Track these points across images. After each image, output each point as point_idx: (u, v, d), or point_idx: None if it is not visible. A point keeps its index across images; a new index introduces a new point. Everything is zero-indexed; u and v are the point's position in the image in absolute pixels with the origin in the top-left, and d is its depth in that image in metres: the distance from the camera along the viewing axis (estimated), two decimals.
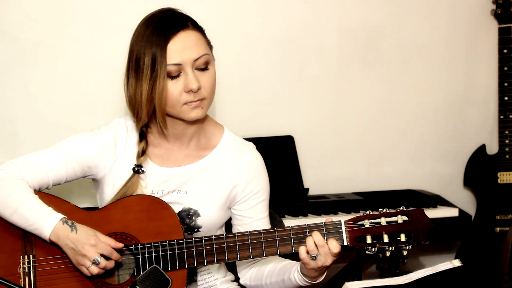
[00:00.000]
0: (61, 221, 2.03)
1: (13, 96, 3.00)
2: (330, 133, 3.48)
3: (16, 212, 2.05)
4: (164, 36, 2.04)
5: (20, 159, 2.15)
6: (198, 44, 2.08)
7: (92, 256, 1.99)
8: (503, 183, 3.50)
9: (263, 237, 2.05)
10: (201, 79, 2.07)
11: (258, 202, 2.23)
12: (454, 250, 3.58)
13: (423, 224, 2.02)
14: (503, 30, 3.52)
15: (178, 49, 2.04)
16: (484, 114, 3.69)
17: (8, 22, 2.97)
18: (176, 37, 2.05)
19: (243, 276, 2.30)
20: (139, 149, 2.17)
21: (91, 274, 2.01)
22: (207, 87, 2.09)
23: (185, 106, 2.08)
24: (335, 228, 2.03)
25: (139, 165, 2.16)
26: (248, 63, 3.34)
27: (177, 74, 2.06)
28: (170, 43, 2.04)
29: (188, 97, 2.06)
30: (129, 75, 2.11)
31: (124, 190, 2.15)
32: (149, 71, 2.04)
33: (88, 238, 2.01)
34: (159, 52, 2.03)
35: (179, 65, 2.05)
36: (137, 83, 2.08)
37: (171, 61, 2.04)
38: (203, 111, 2.10)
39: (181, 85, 2.06)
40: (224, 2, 3.28)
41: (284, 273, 2.17)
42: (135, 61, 2.08)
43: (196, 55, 2.06)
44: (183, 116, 2.10)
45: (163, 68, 2.03)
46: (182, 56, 2.05)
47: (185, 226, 2.16)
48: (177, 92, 2.06)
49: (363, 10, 3.48)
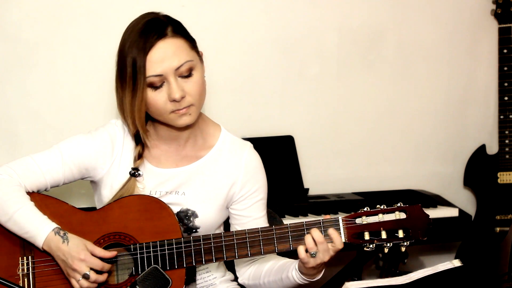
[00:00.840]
0: (53, 232, 2.02)
1: (13, 96, 3.00)
2: (330, 133, 3.48)
3: (11, 219, 2.05)
4: (143, 47, 2.01)
5: (17, 162, 2.15)
6: (178, 53, 2.04)
7: (82, 271, 1.99)
8: (503, 183, 3.50)
9: (261, 235, 2.05)
10: (185, 87, 2.04)
11: (255, 201, 2.23)
12: (454, 250, 3.58)
13: (421, 220, 2.02)
14: (503, 30, 3.51)
15: (157, 60, 2.02)
16: (484, 114, 3.69)
17: (8, 22, 2.97)
18: (154, 47, 2.02)
19: (241, 275, 2.30)
20: (135, 153, 2.17)
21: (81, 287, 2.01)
22: (193, 94, 2.06)
23: (173, 114, 2.06)
24: (333, 225, 2.03)
25: (135, 169, 2.16)
26: (248, 63, 3.34)
27: (160, 84, 2.04)
28: (149, 54, 2.01)
29: (174, 106, 2.05)
30: (116, 83, 2.10)
31: (121, 193, 2.15)
32: (131, 82, 2.03)
33: (78, 253, 1.99)
34: (138, 63, 2.01)
35: (161, 75, 2.02)
36: (123, 92, 2.07)
37: (151, 73, 2.02)
38: (191, 118, 2.08)
39: (165, 95, 2.04)
40: (224, 3, 3.28)
41: (282, 271, 2.17)
42: (120, 70, 2.07)
43: (177, 63, 2.03)
44: (172, 124, 2.09)
45: (142, 80, 2.02)
46: (162, 66, 2.02)
47: (184, 227, 2.16)
48: (162, 101, 2.04)
49: (363, 11, 3.48)
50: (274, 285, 2.20)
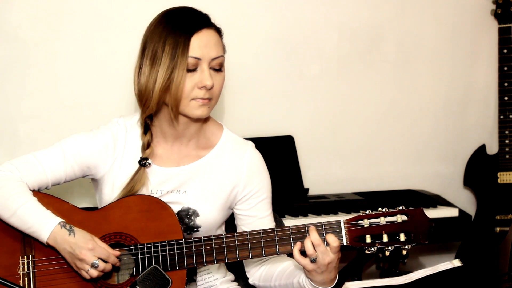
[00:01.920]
0: (59, 225, 2.03)
1: (13, 96, 3.00)
2: (330, 133, 3.48)
3: (15, 215, 2.05)
4: (190, 28, 2.07)
5: (19, 160, 2.15)
6: (218, 45, 2.12)
7: (90, 260, 2.00)
8: (503, 183, 3.50)
9: (263, 237, 2.05)
10: (214, 79, 2.09)
11: (259, 201, 2.23)
12: (454, 250, 3.58)
13: (423, 224, 2.02)
14: (503, 30, 3.51)
15: (200, 44, 2.07)
16: (484, 114, 3.69)
17: (8, 22, 2.96)
18: (201, 32, 2.08)
19: (252, 276, 2.29)
20: (144, 142, 2.17)
21: (90, 277, 2.02)
22: (217, 88, 2.12)
23: (194, 101, 2.09)
24: (335, 228, 2.03)
25: (145, 158, 2.16)
26: (248, 63, 3.33)
27: (194, 68, 2.07)
28: (194, 36, 2.07)
29: (199, 93, 2.08)
30: (142, 63, 2.11)
31: (132, 184, 2.15)
32: (167, 60, 2.05)
33: (86, 242, 2.01)
34: (182, 42, 2.05)
35: (198, 59, 2.07)
36: (151, 71, 2.08)
37: (192, 54, 2.06)
38: (208, 110, 2.12)
39: (196, 80, 2.07)
40: (224, 3, 3.28)
41: (293, 276, 2.15)
42: (153, 50, 2.08)
43: (215, 54, 2.10)
44: (189, 112, 2.10)
45: (185, 58, 2.05)
46: (203, 51, 2.07)
47: (184, 226, 2.16)
48: (190, 86, 2.07)
49: (363, 11, 3.48)
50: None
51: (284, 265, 2.22)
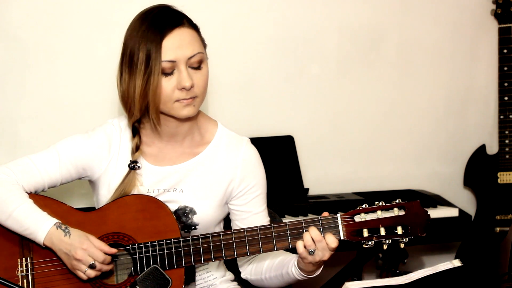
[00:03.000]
0: (54, 226, 2.03)
1: (13, 96, 3.00)
2: (330, 133, 3.48)
3: (11, 217, 2.05)
4: (160, 32, 2.04)
5: (14, 163, 2.15)
6: (192, 42, 2.08)
7: (87, 261, 2.00)
8: (503, 183, 3.50)
9: (260, 233, 2.05)
10: (194, 78, 2.07)
11: (254, 197, 2.23)
12: (454, 250, 3.58)
13: (420, 216, 2.02)
14: (503, 30, 3.51)
15: (173, 46, 2.04)
16: (484, 114, 3.69)
17: (8, 22, 2.97)
18: (171, 34, 2.05)
19: (244, 271, 2.31)
20: (133, 145, 2.17)
21: (88, 278, 2.01)
22: (200, 86, 2.09)
23: (177, 103, 2.08)
24: (331, 223, 2.04)
25: (134, 161, 2.16)
26: (248, 63, 3.34)
27: (170, 71, 2.06)
28: (165, 39, 2.04)
29: (180, 95, 2.07)
30: (123, 70, 2.11)
31: (122, 187, 2.15)
32: (143, 67, 2.04)
33: (81, 243, 2.01)
34: (154, 48, 2.03)
35: (173, 62, 2.05)
36: (131, 78, 2.07)
37: (165, 58, 2.04)
38: (194, 109, 2.11)
39: (174, 82, 2.06)
40: (224, 2, 3.28)
41: (282, 267, 2.17)
42: (129, 56, 2.07)
43: (190, 53, 2.07)
44: (175, 113, 2.10)
45: (158, 64, 2.03)
46: (176, 53, 2.05)
47: (182, 224, 2.16)
48: (169, 89, 2.06)
49: (363, 11, 3.48)
50: (276, 280, 2.21)
51: (271, 258, 2.23)
